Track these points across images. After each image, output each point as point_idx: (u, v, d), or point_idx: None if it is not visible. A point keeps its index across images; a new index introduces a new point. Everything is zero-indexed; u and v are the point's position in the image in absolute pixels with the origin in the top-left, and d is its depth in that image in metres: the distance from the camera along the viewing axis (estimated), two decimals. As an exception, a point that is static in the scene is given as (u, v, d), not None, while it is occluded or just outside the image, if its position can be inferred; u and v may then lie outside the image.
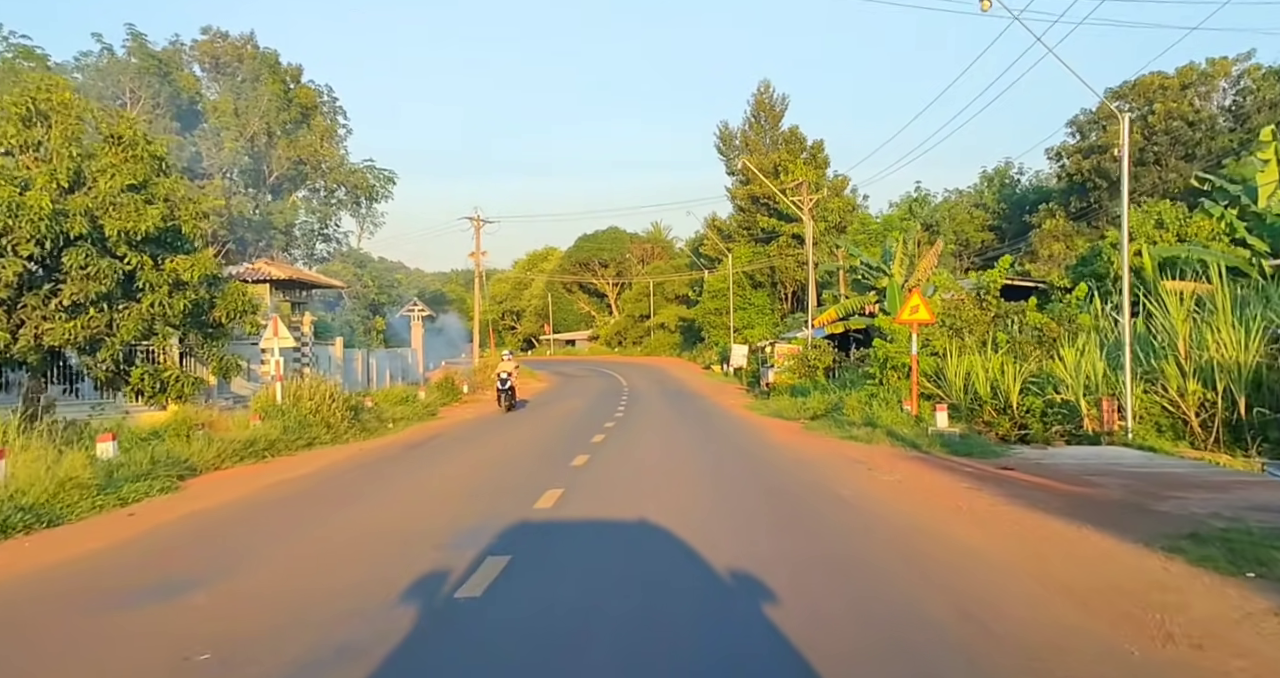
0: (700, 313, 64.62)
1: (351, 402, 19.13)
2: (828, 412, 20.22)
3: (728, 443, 16.35)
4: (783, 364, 30.04)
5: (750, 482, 10.90)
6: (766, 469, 12.32)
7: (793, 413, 22.14)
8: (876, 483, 10.40)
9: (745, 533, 7.54)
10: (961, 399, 16.97)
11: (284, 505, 9.89)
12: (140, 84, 43.85)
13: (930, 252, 28.19)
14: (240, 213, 45.85)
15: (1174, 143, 54.22)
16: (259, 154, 50.00)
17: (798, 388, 26.04)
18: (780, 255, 59.34)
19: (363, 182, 55.71)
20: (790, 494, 10.00)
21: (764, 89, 67.07)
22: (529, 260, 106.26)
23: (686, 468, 12.27)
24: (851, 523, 8.12)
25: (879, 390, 18.20)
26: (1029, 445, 14.43)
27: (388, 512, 9.28)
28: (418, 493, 10.62)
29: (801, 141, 62.28)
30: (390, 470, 12.76)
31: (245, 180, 49.36)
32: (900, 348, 18.32)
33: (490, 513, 8.62)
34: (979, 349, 18.11)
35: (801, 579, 5.84)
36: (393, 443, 16.77)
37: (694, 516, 8.29)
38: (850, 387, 21.26)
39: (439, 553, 6.83)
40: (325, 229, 57.76)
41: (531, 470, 12.13)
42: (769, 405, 25.62)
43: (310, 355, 28.33)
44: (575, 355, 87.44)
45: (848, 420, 17.51)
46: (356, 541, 7.77)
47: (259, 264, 24.47)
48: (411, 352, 45.02)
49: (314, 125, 53.72)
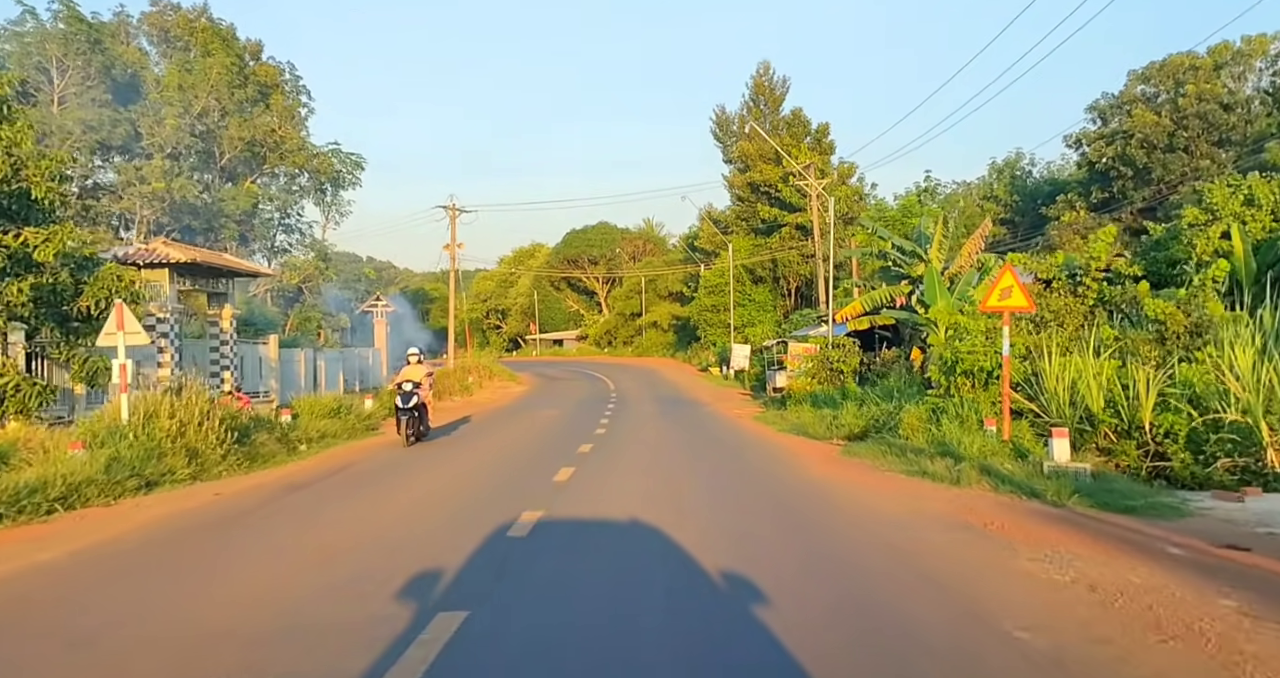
0: (696, 310, 59.84)
1: (241, 419, 14.37)
2: (871, 430, 15.54)
3: (751, 483, 11.62)
4: (798, 367, 25.37)
5: (813, 590, 6.12)
6: (830, 550, 7.52)
7: (820, 429, 17.46)
8: (1049, 599, 5.66)
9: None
10: (1067, 416, 12.30)
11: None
12: (69, 53, 38.97)
13: (976, 232, 23.58)
14: (183, 197, 41.00)
15: (1207, 127, 49.72)
16: (208, 134, 45.15)
17: (820, 396, 21.37)
18: (783, 248, 54.64)
19: (327, 166, 50.91)
20: (907, 639, 5.18)
21: (763, 71, 62.40)
22: (515, 257, 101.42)
23: (699, 548, 7.46)
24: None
25: (945, 403, 13.52)
26: (1199, 491, 9.78)
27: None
28: (191, 623, 5.85)
29: (805, 125, 57.58)
30: (213, 547, 7.97)
31: (192, 163, 44.46)
32: (974, 347, 13.64)
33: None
34: (1070, 348, 13.45)
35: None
36: (277, 480, 11.97)
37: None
38: (897, 397, 16.55)
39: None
40: (287, 218, 53.00)
41: (440, 547, 7.38)
42: (786, 418, 20.93)
43: (231, 357, 23.55)
44: (563, 356, 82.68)
45: (909, 445, 12.81)
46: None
47: (153, 244, 19.67)
48: (374, 352, 40.20)
49: (273, 105, 48.89)
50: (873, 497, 9.85)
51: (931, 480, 10.61)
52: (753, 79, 62.72)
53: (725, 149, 64.59)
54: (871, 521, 8.45)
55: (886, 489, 10.33)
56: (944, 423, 12.80)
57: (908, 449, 12.52)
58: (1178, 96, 50.23)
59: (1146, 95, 53.48)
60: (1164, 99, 51.52)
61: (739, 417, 23.42)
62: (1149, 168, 51.03)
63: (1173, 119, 49.40)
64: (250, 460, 13.34)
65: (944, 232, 23.54)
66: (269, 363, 26.36)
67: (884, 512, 8.86)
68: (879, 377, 22.90)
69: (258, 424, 15.46)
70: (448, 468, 13.50)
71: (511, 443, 17.57)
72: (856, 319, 25.13)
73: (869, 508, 9.13)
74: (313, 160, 49.44)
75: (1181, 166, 50.44)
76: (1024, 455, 10.92)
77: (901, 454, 12.41)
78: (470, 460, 14.57)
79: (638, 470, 12.36)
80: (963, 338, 14.44)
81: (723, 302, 55.28)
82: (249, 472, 12.77)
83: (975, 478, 10.19)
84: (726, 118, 64.53)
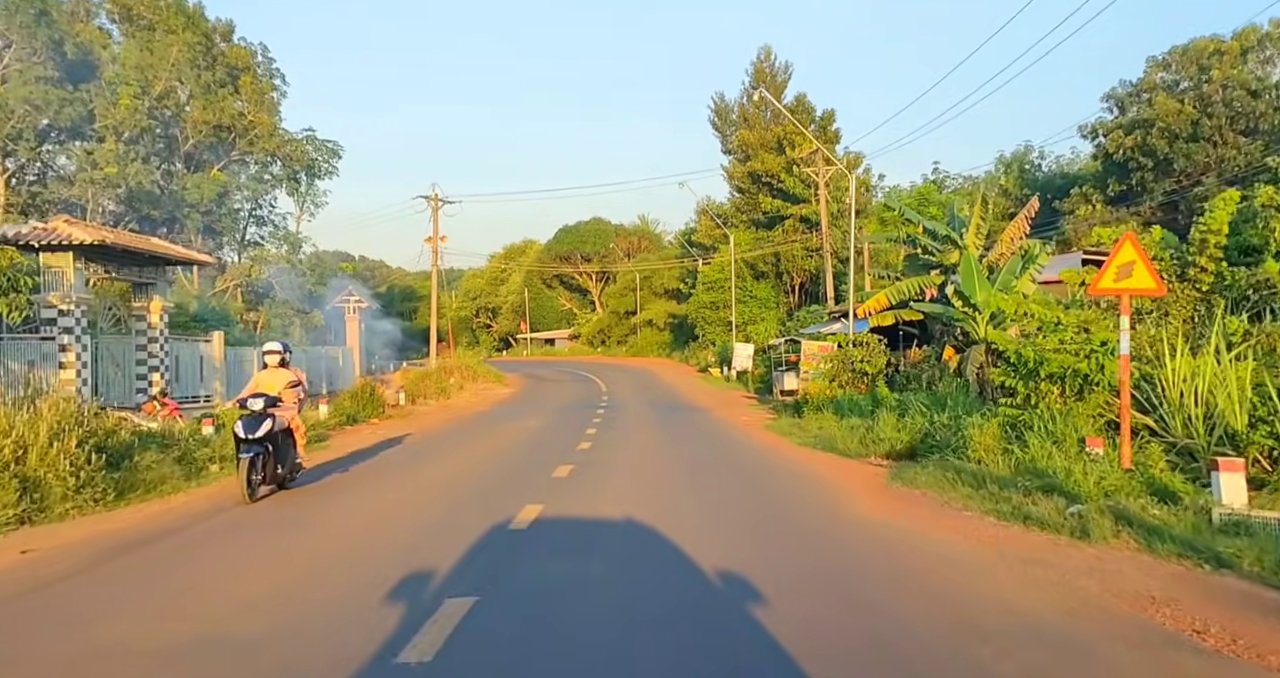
0: (694, 308, 56.67)
1: (121, 435, 11.23)
2: (922, 447, 12.45)
3: (783, 534, 8.48)
4: (814, 368, 22.28)
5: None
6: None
7: (852, 444, 14.35)
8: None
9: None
10: (1199, 435, 9.24)
11: None
12: (12, 26, 35.72)
13: (1020, 214, 20.52)
14: (139, 183, 37.78)
15: (1234, 115, 46.66)
16: (170, 118, 41.93)
17: (844, 402, 18.26)
18: (786, 241, 51.53)
19: (300, 154, 47.68)
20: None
21: (764, 56, 59.32)
22: (506, 253, 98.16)
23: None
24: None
25: (1027, 416, 10.44)
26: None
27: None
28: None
29: (809, 112, 54.43)
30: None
31: (151, 147, 41.21)
32: (1066, 344, 10.53)
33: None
34: (1182, 346, 10.39)
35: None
36: (126, 529, 8.79)
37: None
38: (950, 406, 13.42)
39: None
40: (259, 210, 49.76)
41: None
42: (804, 428, 17.84)
43: (162, 356, 20.40)
44: (554, 355, 79.52)
45: (986, 472, 9.70)
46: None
47: (53, 223, 16.51)
48: (346, 351, 37.08)
49: (242, 88, 45.67)
50: (969, 563, 6.74)
51: (1042, 530, 7.50)
52: (753, 65, 59.74)
53: (724, 139, 61.49)
54: (996, 620, 5.30)
55: (980, 545, 7.21)
56: (1031, 443, 9.70)
57: (985, 478, 9.41)
58: (1202, 83, 47.26)
59: (1167, 83, 50.42)
60: (1187, 86, 48.48)
61: (748, 426, 20.33)
62: (1171, 159, 47.90)
63: (1196, 107, 46.42)
64: (125, 490, 10.20)
65: (982, 213, 20.46)
66: (212, 363, 23.22)
67: (1008, 601, 5.70)
68: (909, 379, 19.82)
69: (153, 440, 12.31)
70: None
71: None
72: (881, 314, 22.06)
73: (975, 592, 5.98)
74: (285, 147, 46.18)
75: (1206, 157, 47.48)
76: (1168, 494, 7.82)
77: (977, 484, 9.30)
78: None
79: (625, 514, 9.25)
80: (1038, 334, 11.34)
81: (722, 298, 52.18)
82: (114, 508, 9.62)
83: (1110, 530, 7.08)
84: (725, 106, 61.44)
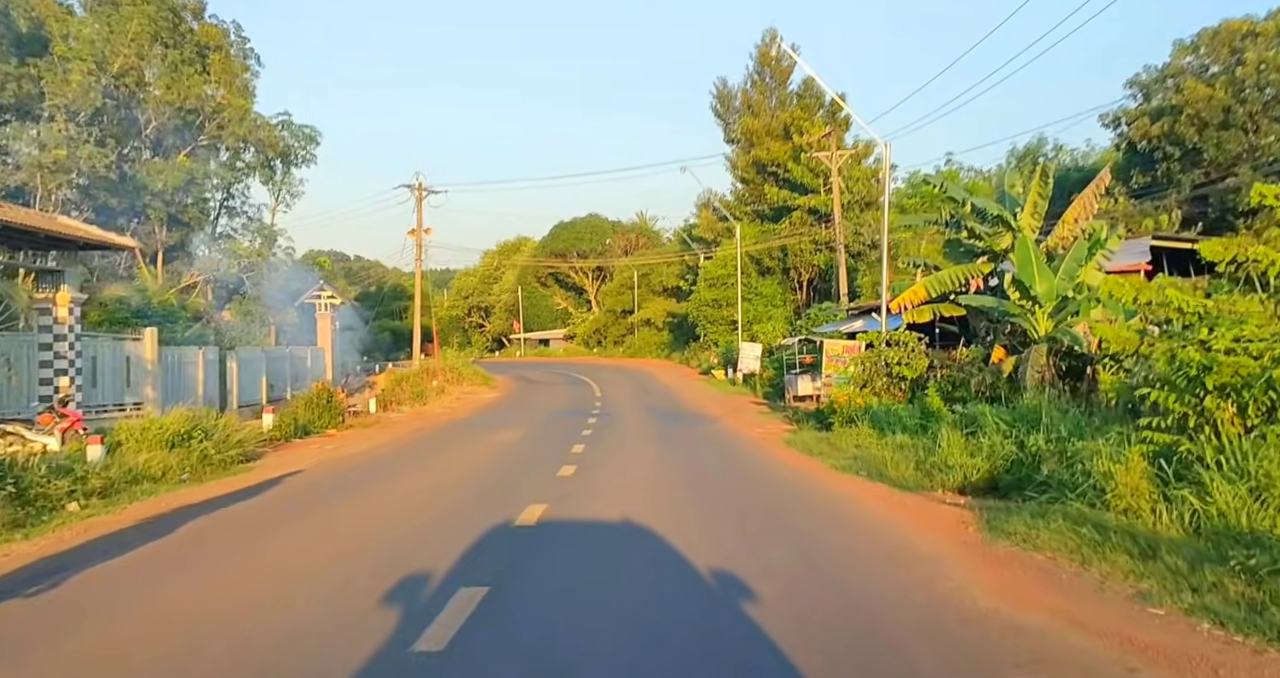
0: (695, 306, 53.46)
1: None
2: (1007, 480, 9.31)
3: (860, 640, 5.31)
4: (842, 372, 19.14)
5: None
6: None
7: (907, 471, 11.21)
8: None
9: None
10: None
11: None
12: (-50, -6, 32.58)
13: (1086, 191, 17.45)
14: (93, 167, 34.59)
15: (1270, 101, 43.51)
16: (129, 97, 38.73)
17: (882, 414, 15.09)
18: (794, 234, 48.36)
19: (273, 140, 44.51)
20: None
21: (769, 39, 56.14)
22: (500, 251, 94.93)
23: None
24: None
25: (1192, 446, 7.33)
26: None
27: None
28: None
29: (819, 97, 51.25)
30: None
31: (108, 129, 38.01)
32: (1244, 342, 7.43)
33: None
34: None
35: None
36: None
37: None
38: (1050, 426, 10.22)
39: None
40: (230, 200, 46.57)
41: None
42: (837, 445, 14.67)
43: (72, 356, 17.24)
44: (549, 356, 76.37)
45: (1144, 532, 6.56)
46: None
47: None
48: (316, 352, 33.86)
49: (212, 67, 42.50)
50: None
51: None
52: (757, 49, 56.59)
53: (727, 127, 58.33)
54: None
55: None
56: (1215, 489, 6.56)
57: (1153, 543, 6.27)
58: (1235, 66, 44.07)
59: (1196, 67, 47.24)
60: (1217, 70, 45.32)
61: (763, 439, 17.18)
62: (1200, 148, 44.71)
63: (1229, 92, 43.25)
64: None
65: (1041, 190, 17.33)
66: (144, 366, 20.03)
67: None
68: (954, 385, 16.68)
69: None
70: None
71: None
72: (918, 309, 18.95)
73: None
74: (258, 132, 42.99)
75: (1239, 146, 44.30)
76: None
77: (1144, 554, 6.16)
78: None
79: (618, 610, 6.08)
80: (1164, 331, 8.19)
81: (725, 296, 49.02)
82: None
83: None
84: (728, 92, 58.28)
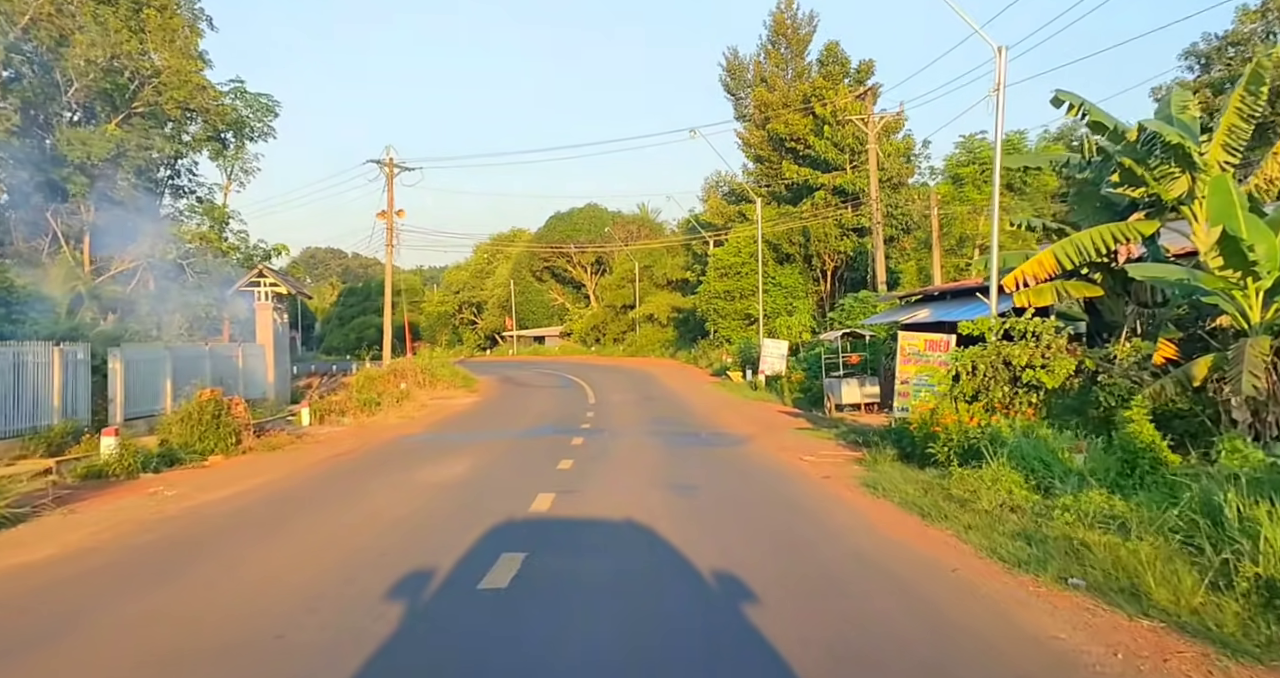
0: (704, 299, 47.70)
1: None
2: None
3: None
4: (936, 375, 13.40)
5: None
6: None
7: (1184, 584, 5.52)
8: None
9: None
10: None
11: None
12: None
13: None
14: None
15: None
16: (41, 54, 33.05)
17: (1026, 447, 9.38)
18: (816, 215, 42.63)
19: (222, 109, 38.76)
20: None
21: (785, 4, 50.33)
22: (493, 244, 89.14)
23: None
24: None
25: None
26: None
27: None
28: None
29: (844, 64, 45.39)
30: None
31: (23, 93, 32.36)
32: None
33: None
34: None
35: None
36: None
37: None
38: None
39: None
40: (175, 177, 40.82)
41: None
42: (964, 501, 8.98)
43: None
44: (543, 354, 70.66)
45: None
46: None
47: None
48: (255, 350, 28.16)
49: (148, 23, 36.75)
50: None
51: None
52: (772, 15, 50.77)
53: (738, 103, 52.57)
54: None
55: None
56: None
57: None
58: (1309, 31, 38.01)
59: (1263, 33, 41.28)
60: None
61: (828, 482, 11.47)
62: (1270, 124, 38.69)
63: (1301, 60, 37.07)
64: None
65: (1243, 107, 11.61)
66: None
67: None
68: (1117, 399, 10.93)
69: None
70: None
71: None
72: (1039, 286, 13.25)
73: None
74: (200, 97, 37.18)
75: (1306, 119, 38.08)
76: None
77: None
78: None
79: None
80: None
81: (739, 286, 43.33)
82: None
83: None
84: (739, 64, 52.44)
